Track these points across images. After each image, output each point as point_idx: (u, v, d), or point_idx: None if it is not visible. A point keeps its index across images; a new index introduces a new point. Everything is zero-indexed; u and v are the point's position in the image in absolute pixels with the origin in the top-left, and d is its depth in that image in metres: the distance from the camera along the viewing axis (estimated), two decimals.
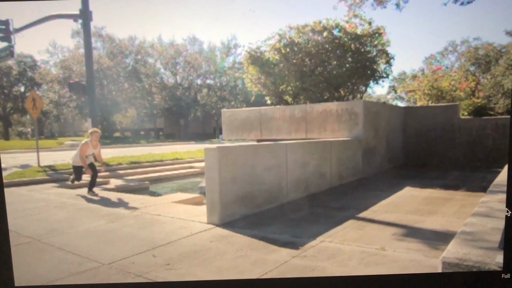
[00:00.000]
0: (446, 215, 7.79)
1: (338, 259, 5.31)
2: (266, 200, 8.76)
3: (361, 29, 17.22)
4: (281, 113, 15.52)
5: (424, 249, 5.58)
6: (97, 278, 4.91)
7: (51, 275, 5.02)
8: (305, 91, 17.39)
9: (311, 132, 14.62)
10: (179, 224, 7.55)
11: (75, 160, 11.74)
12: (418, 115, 17.66)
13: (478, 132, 16.48)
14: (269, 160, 8.95)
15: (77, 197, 11.14)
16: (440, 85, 22.39)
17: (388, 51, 17.95)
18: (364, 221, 7.47)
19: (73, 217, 8.61)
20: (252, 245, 6.00)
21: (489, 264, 3.88)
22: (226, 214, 7.58)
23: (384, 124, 15.39)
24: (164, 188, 15.34)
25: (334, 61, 16.90)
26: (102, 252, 5.92)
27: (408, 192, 10.56)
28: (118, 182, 14.26)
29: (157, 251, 5.84)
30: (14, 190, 12.71)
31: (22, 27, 21.25)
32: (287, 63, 17.11)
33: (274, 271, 4.96)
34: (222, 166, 7.53)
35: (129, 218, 8.32)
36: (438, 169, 15.67)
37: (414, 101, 25.42)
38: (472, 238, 4.60)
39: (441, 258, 4.11)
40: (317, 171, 11.00)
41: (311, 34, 17.09)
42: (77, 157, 11.62)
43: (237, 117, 17.09)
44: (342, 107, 13.90)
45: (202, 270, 5.06)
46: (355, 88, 18.80)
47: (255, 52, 17.64)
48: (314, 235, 6.44)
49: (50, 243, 6.45)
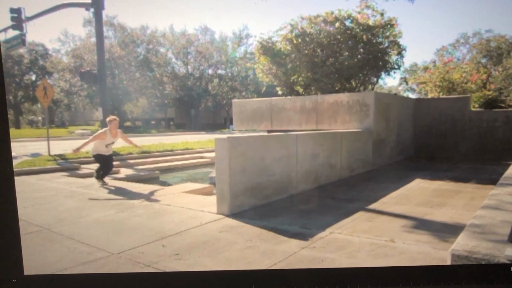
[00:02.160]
0: (455, 208, 7.77)
1: (347, 250, 5.31)
2: (275, 191, 8.76)
3: (373, 20, 17.17)
4: (292, 104, 15.48)
5: (433, 241, 5.57)
6: (106, 267, 4.92)
7: (60, 264, 5.04)
8: (316, 82, 17.37)
9: (322, 123, 14.58)
10: (189, 214, 7.57)
11: (93, 148, 11.57)
12: (429, 107, 17.56)
13: (489, 124, 16.39)
14: (279, 151, 8.94)
15: (87, 186, 11.15)
16: (452, 77, 22.27)
17: (399, 42, 17.95)
18: (373, 213, 7.46)
19: (82, 206, 8.64)
20: (261, 236, 6.00)
21: (498, 257, 3.87)
22: (235, 204, 7.59)
23: (394, 116, 15.33)
24: (174, 178, 15.36)
25: (345, 52, 16.87)
26: (111, 241, 5.94)
27: (418, 184, 10.53)
28: (128, 172, 14.29)
29: (166, 241, 5.85)
30: (24, 179, 12.76)
31: (34, 16, 21.32)
32: (299, 53, 17.08)
33: (283, 262, 4.97)
34: (232, 157, 7.53)
35: (138, 208, 8.34)
36: (448, 161, 15.61)
37: (425, 93, 25.28)
38: (482, 230, 4.59)
39: (450, 251, 4.11)
40: (327, 163, 10.98)
41: (323, 25, 17.05)
42: (96, 146, 11.50)
43: (247, 108, 17.06)
44: (353, 98, 13.85)
45: (211, 260, 5.07)
46: (367, 79, 18.78)
47: (267, 43, 17.62)
48: (324, 226, 6.44)
49: (59, 232, 6.47)
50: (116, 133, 11.48)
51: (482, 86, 23.98)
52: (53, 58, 68.03)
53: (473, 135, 16.69)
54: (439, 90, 22.11)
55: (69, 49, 67.47)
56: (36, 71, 67.94)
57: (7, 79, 61.22)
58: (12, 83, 64.79)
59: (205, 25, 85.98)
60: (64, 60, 66.95)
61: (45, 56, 68.05)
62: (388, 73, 18.46)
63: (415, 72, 44.32)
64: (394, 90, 62.48)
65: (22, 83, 67.01)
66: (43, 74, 65.29)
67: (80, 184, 11.64)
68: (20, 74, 66.39)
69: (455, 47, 54.59)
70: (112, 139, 11.45)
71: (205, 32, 74.85)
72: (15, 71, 65.17)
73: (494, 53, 47.65)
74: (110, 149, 11.68)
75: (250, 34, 75.48)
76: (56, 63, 65.98)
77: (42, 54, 67.82)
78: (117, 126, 11.46)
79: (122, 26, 66.29)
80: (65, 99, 67.88)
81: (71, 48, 66.90)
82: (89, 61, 57.74)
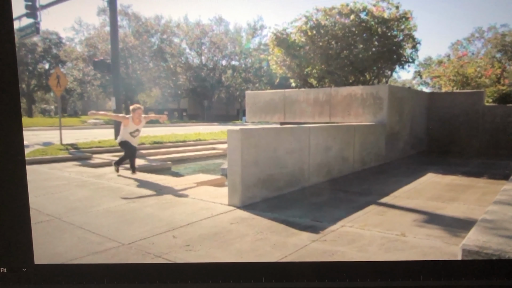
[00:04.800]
0: (467, 202, 7.75)
1: (358, 244, 5.32)
2: (287, 184, 8.77)
3: (388, 13, 17.09)
4: (305, 96, 15.46)
5: (445, 236, 5.56)
6: (116, 258, 4.95)
7: (71, 253, 5.07)
8: (330, 75, 17.34)
9: (335, 116, 14.56)
10: (200, 205, 7.59)
11: (119, 136, 11.51)
12: (442, 101, 17.50)
13: (503, 119, 16.31)
14: (292, 144, 8.94)
15: (99, 176, 11.19)
16: (466, 71, 22.18)
17: (414, 35, 17.85)
18: (385, 207, 7.46)
19: (93, 196, 8.67)
20: (272, 228, 6.01)
21: (509, 252, 3.86)
22: (247, 196, 7.60)
23: (408, 110, 15.29)
24: (186, 169, 15.40)
25: (360, 45, 16.81)
26: (122, 232, 5.97)
27: (430, 179, 10.51)
28: (140, 162, 14.30)
29: (177, 232, 5.88)
30: (36, 167, 12.81)
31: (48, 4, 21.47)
32: (313, 45, 17.05)
33: (294, 254, 4.98)
34: (245, 148, 7.54)
35: (150, 198, 8.38)
36: (461, 156, 15.56)
37: (439, 87, 25.20)
38: (493, 226, 4.58)
39: (461, 246, 4.10)
40: (339, 156, 10.98)
41: (338, 17, 17.00)
42: (121, 134, 11.44)
43: (261, 99, 17.06)
44: (367, 91, 13.82)
45: (221, 252, 5.09)
46: (381, 72, 18.72)
47: (281, 34, 17.59)
48: (335, 219, 6.44)
49: (70, 222, 6.51)
50: (140, 121, 11.39)
51: (496, 81, 23.84)
52: (66, 47, 68.26)
53: (487, 130, 16.62)
54: (453, 84, 22.04)
55: (83, 38, 67.73)
56: (50, 59, 68.17)
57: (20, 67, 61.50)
58: (25, 71, 65.06)
59: (220, 16, 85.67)
60: (78, 49, 67.20)
61: (59, 44, 68.28)
62: (402, 67, 18.39)
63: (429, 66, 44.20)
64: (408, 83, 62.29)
65: (35, 72, 67.30)
66: (57, 62, 65.54)
67: (91, 173, 11.69)
68: (33, 62, 66.66)
69: (469, 41, 54.30)
70: (136, 127, 11.32)
71: (220, 23, 74.92)
72: (28, 59, 65.44)
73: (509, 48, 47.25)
74: (136, 140, 11.64)
75: (264, 26, 75.55)
76: (70, 52, 66.17)
77: (56, 42, 68.06)
78: (140, 115, 11.38)
79: (136, 16, 66.32)
80: (78, 88, 68.25)
81: (85, 37, 67.12)
82: (103, 51, 57.85)
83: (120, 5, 62.76)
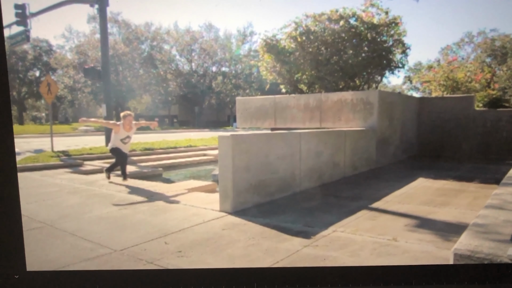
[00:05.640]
0: (459, 207, 7.77)
1: (349, 249, 5.32)
2: (279, 189, 8.77)
3: (378, 19, 17.15)
4: (296, 101, 15.47)
5: (436, 241, 5.58)
6: (108, 264, 4.94)
7: (63, 260, 5.05)
8: (320, 80, 17.37)
9: (326, 122, 14.58)
10: (192, 211, 7.58)
11: (110, 143, 11.45)
12: (433, 106, 17.54)
13: (493, 124, 16.35)
14: (283, 149, 8.94)
15: (90, 183, 11.15)
16: (456, 76, 22.25)
17: (404, 41, 17.92)
18: (376, 212, 7.47)
19: (85, 203, 8.64)
20: (264, 234, 6.01)
21: (501, 256, 3.88)
22: (238, 202, 7.60)
23: (398, 115, 15.33)
24: (177, 175, 15.38)
25: (350, 50, 16.86)
26: (114, 238, 5.95)
27: (421, 183, 10.53)
28: (131, 169, 14.25)
29: (169, 238, 5.86)
30: (27, 175, 12.76)
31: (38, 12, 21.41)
32: (303, 51, 17.09)
33: (286, 260, 4.98)
34: (236, 154, 7.54)
35: (141, 204, 8.35)
36: (451, 160, 15.62)
37: (429, 92, 25.29)
38: (485, 230, 4.60)
39: (453, 250, 4.11)
40: (330, 161, 10.99)
41: (327, 23, 17.05)
42: (112, 141, 11.39)
43: (251, 105, 17.06)
44: (357, 96, 13.85)
45: (214, 257, 5.09)
46: (371, 77, 18.76)
47: (271, 40, 17.62)
48: (326, 224, 6.44)
49: (62, 229, 6.48)
50: (130, 128, 11.34)
51: (486, 86, 23.92)
52: (57, 54, 68.25)
53: (477, 134, 16.66)
54: (443, 89, 22.10)
55: (73, 45, 67.98)
56: (40, 67, 68.14)
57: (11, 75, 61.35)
58: (16, 79, 64.94)
59: (210, 22, 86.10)
60: (68, 57, 67.24)
61: (49, 52, 68.30)
62: (392, 72, 18.46)
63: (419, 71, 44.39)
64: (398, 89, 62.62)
65: (26, 79, 67.24)
66: (47, 70, 65.38)
67: (83, 180, 11.66)
68: (24, 70, 66.63)
69: (459, 46, 54.64)
70: (127, 134, 11.28)
71: (210, 29, 75.32)
72: (19, 67, 65.40)
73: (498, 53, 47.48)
74: (127, 147, 11.61)
75: (254, 32, 75.80)
76: (60, 59, 66.11)
77: (46, 50, 68.10)
78: (131, 122, 11.33)
79: (126, 23, 66.44)
80: (69, 96, 68.30)
81: (75, 44, 67.34)
82: (93, 58, 57.94)
83: (110, 12, 62.91)
